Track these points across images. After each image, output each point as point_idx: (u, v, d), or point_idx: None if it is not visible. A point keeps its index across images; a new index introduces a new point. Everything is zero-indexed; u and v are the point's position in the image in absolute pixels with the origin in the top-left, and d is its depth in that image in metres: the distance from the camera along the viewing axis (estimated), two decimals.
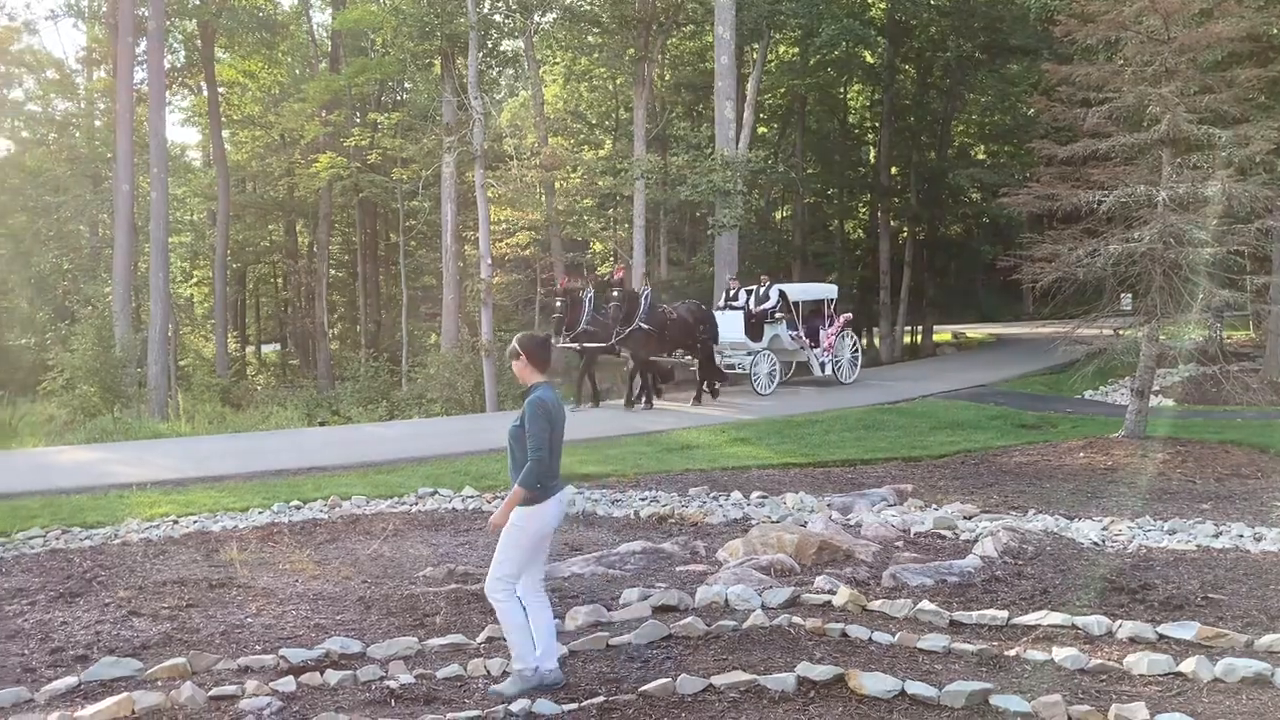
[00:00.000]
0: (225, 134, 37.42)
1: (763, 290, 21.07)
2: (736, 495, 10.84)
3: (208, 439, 16.10)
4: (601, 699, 5.08)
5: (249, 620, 6.54)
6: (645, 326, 17.85)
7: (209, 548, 8.82)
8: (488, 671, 5.54)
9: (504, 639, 6.06)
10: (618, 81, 34.59)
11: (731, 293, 21.44)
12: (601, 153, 35.17)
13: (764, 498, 10.73)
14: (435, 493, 11.37)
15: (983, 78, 32.58)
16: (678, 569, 7.72)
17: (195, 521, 10.02)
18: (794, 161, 36.55)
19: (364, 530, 9.51)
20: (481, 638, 6.09)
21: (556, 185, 30.62)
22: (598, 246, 37.99)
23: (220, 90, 36.74)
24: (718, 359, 20.26)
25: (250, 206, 40.74)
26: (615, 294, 17.93)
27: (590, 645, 5.89)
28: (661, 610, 6.49)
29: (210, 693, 5.20)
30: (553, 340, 18.82)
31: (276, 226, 43.53)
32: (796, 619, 6.18)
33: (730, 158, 24.15)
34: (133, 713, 4.98)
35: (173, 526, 9.83)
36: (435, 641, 6.02)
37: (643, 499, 10.85)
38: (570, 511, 10.26)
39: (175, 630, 6.33)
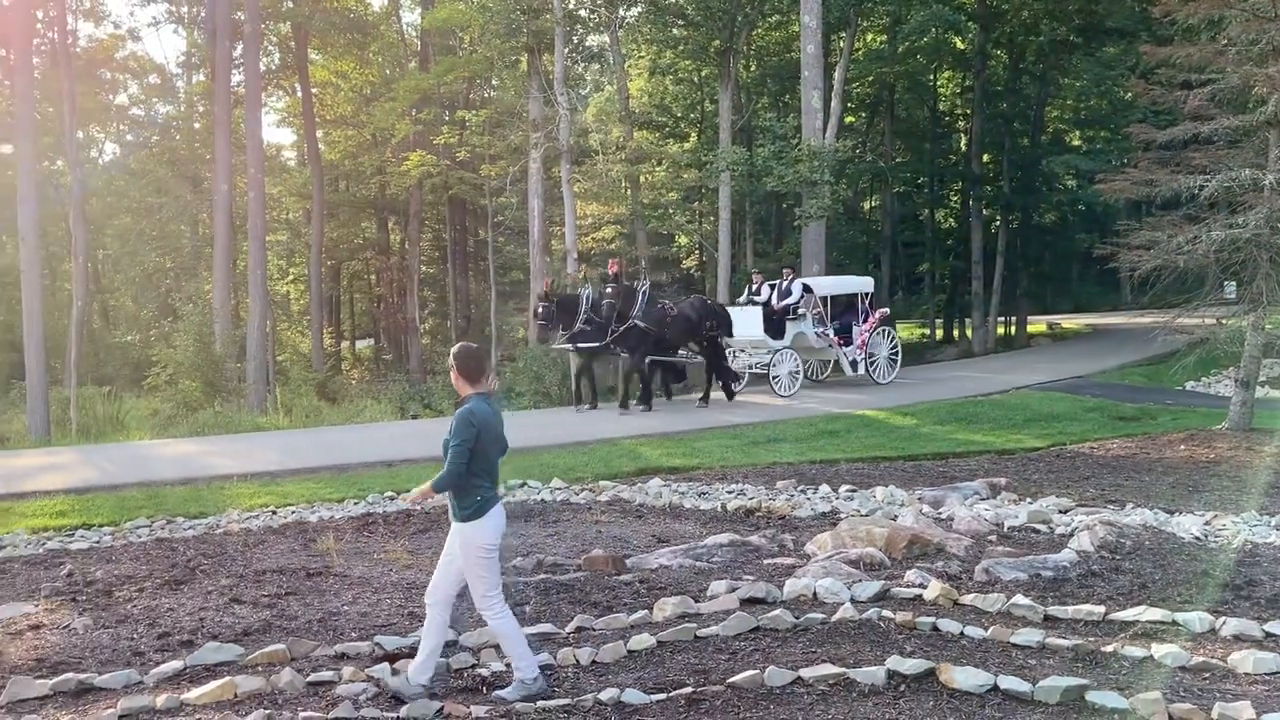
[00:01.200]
0: (319, 134, 38.23)
1: (785, 284, 19.67)
2: (825, 489, 10.76)
3: (304, 432, 16.51)
4: (689, 690, 5.09)
5: (345, 608, 6.70)
6: (642, 324, 16.96)
7: (306, 538, 9.05)
8: (577, 660, 5.60)
9: (593, 629, 6.14)
10: (703, 74, 34.52)
11: (754, 287, 20.34)
12: (687, 146, 35.13)
13: (853, 491, 10.63)
14: (524, 484, 11.50)
15: (1078, 61, 31.74)
16: (765, 562, 7.70)
17: (293, 512, 10.31)
18: (882, 150, 36.09)
19: None
20: (570, 627, 6.15)
21: (642, 179, 30.70)
22: (683, 240, 38.02)
23: (314, 91, 37.55)
24: (740, 359, 19.35)
25: (344, 205, 41.59)
26: (608, 290, 17.12)
27: (678, 636, 5.91)
28: (749, 603, 6.48)
29: (308, 678, 5.35)
30: (545, 342, 18.60)
31: (369, 224, 44.37)
32: (886, 613, 6.12)
33: (817, 148, 23.92)
34: (235, 696, 5.14)
35: (271, 517, 10.11)
36: (525, 630, 6.08)
37: (729, 492, 10.84)
38: (657, 504, 10.31)
39: (275, 617, 6.52)
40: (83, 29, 38.50)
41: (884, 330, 20.64)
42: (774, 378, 18.77)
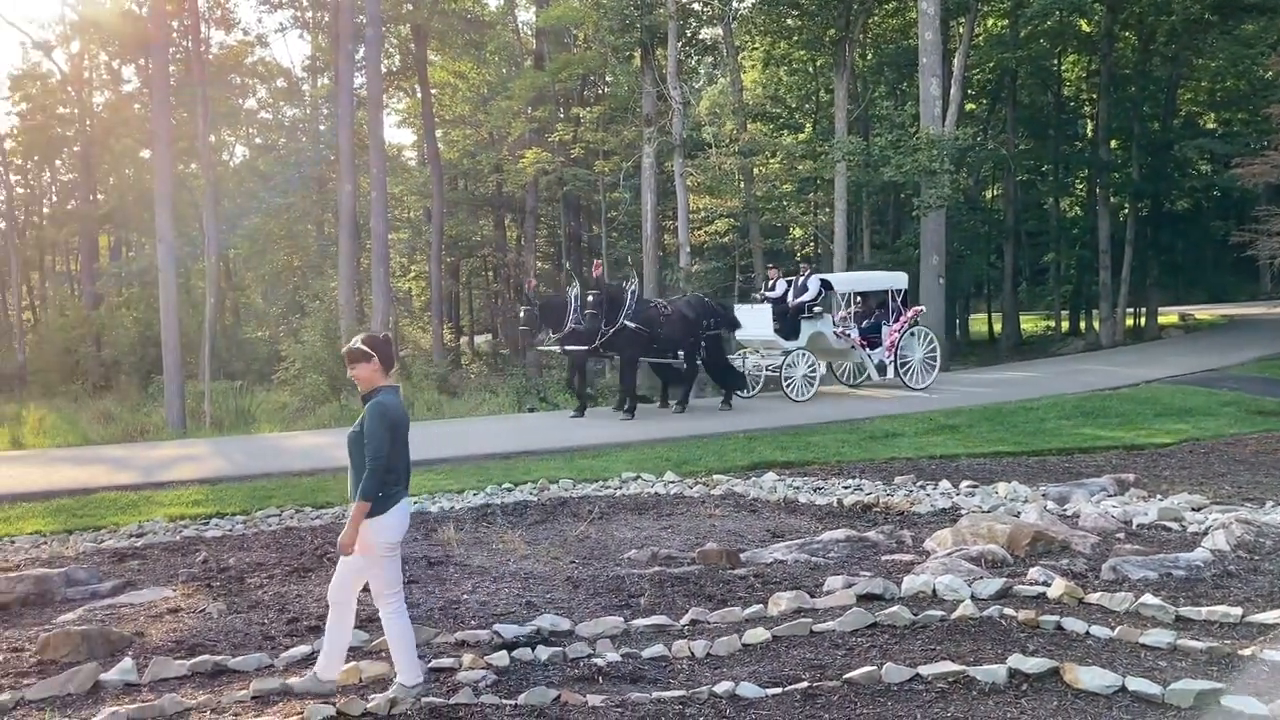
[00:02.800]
0: (438, 133, 39.01)
1: (801, 280, 18.44)
2: (945, 484, 10.55)
3: (426, 425, 16.88)
4: (805, 684, 5.05)
5: (465, 597, 6.84)
6: (632, 325, 16.01)
7: (427, 527, 9.25)
8: (691, 653, 5.61)
9: (708, 622, 6.14)
10: (818, 64, 34.16)
11: (770, 283, 19.15)
12: (801, 136, 34.80)
13: (974, 487, 10.40)
14: (638, 477, 11.57)
15: (1213, 40, 30.38)
16: (883, 558, 7.59)
17: (415, 503, 10.54)
18: (1004, 138, 35.14)
19: (571, 512, 9.77)
20: (685, 620, 6.17)
21: (755, 171, 30.54)
22: (797, 232, 37.69)
23: (433, 91, 38.34)
24: (751, 360, 18.37)
25: (462, 203, 42.39)
26: (593, 292, 16.09)
27: (793, 631, 5.87)
28: (866, 598, 6.39)
29: (430, 664, 5.47)
30: (529, 345, 17.75)
31: (486, 221, 45.13)
32: (1008, 610, 5.97)
33: (936, 136, 23.46)
34: (360, 680, 5.30)
35: None
36: (640, 622, 6.13)
37: (846, 487, 10.71)
38: (771, 498, 10.25)
39: None
40: (214, 36, 40.00)
41: (919, 331, 19.10)
42: (786, 380, 17.58)
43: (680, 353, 16.84)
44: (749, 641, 5.74)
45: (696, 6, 29.27)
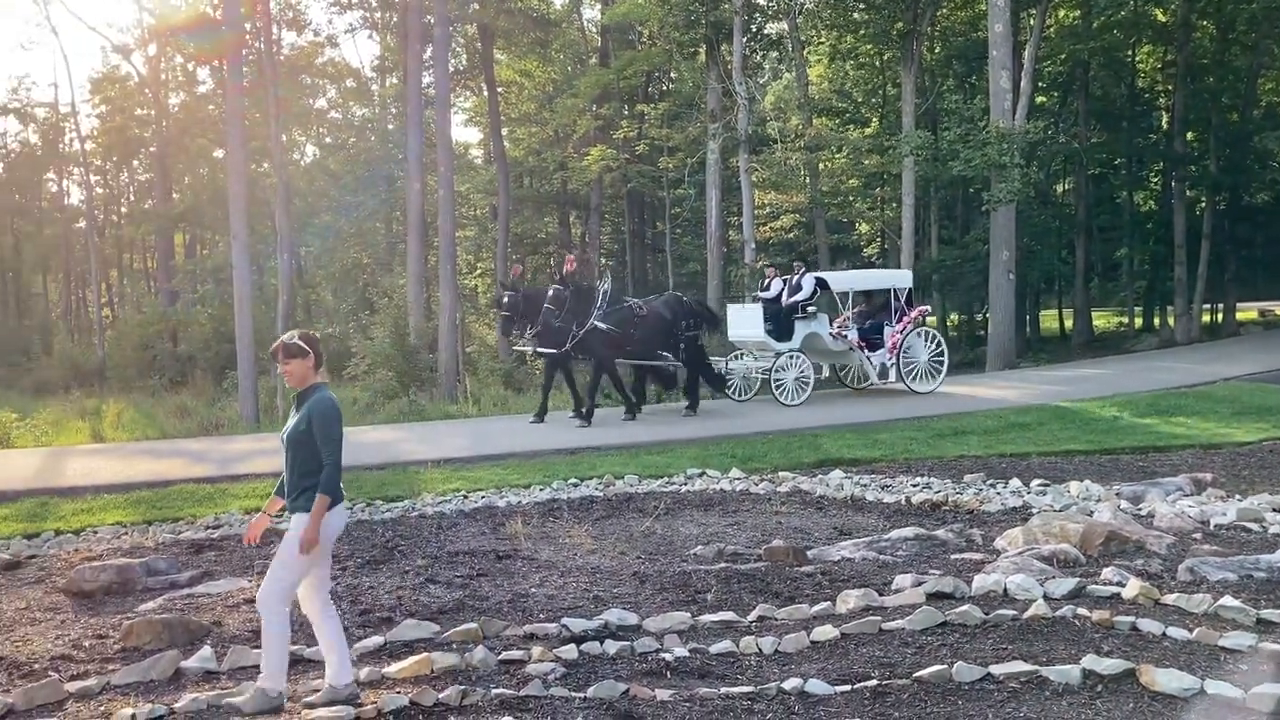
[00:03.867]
0: (504, 131, 39.32)
1: (795, 279, 17.60)
2: (1015, 483, 10.41)
3: (493, 420, 17.06)
4: (875, 682, 5.02)
5: (533, 590, 6.90)
6: (603, 326, 15.14)
7: (495, 521, 9.35)
8: (759, 649, 5.60)
9: (775, 619, 6.13)
10: (885, 57, 33.81)
11: (765, 282, 18.25)
12: (868, 131, 34.50)
13: (1045, 485, 10.24)
14: (703, 473, 11.57)
15: None
16: (952, 556, 7.51)
17: (483, 497, 10.67)
18: (1076, 131, 34.49)
19: (637, 508, 9.81)
20: (752, 616, 6.16)
21: (821, 166, 30.35)
22: (864, 227, 37.40)
23: (499, 90, 38.65)
24: (744, 362, 17.56)
25: (527, 200, 42.68)
26: (553, 290, 15.15)
27: (862, 629, 5.83)
28: (936, 597, 6.33)
29: (500, 656, 5.54)
30: (503, 339, 16.54)
31: (551, 219, 45.38)
32: (1081, 610, 5.88)
33: (1006, 130, 23.11)
34: (431, 671, 5.37)
35: (463, 501, 10.50)
36: (707, 618, 6.13)
37: (914, 485, 10.61)
38: (838, 496, 10.19)
39: (467, 597, 6.77)
40: (286, 37, 40.72)
41: (924, 331, 18.19)
42: (776, 384, 16.76)
43: (669, 354, 16.26)
44: (817, 639, 5.72)
45: (762, 1, 29.14)
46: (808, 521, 9.13)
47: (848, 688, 5.01)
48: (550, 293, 15.16)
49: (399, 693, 5.01)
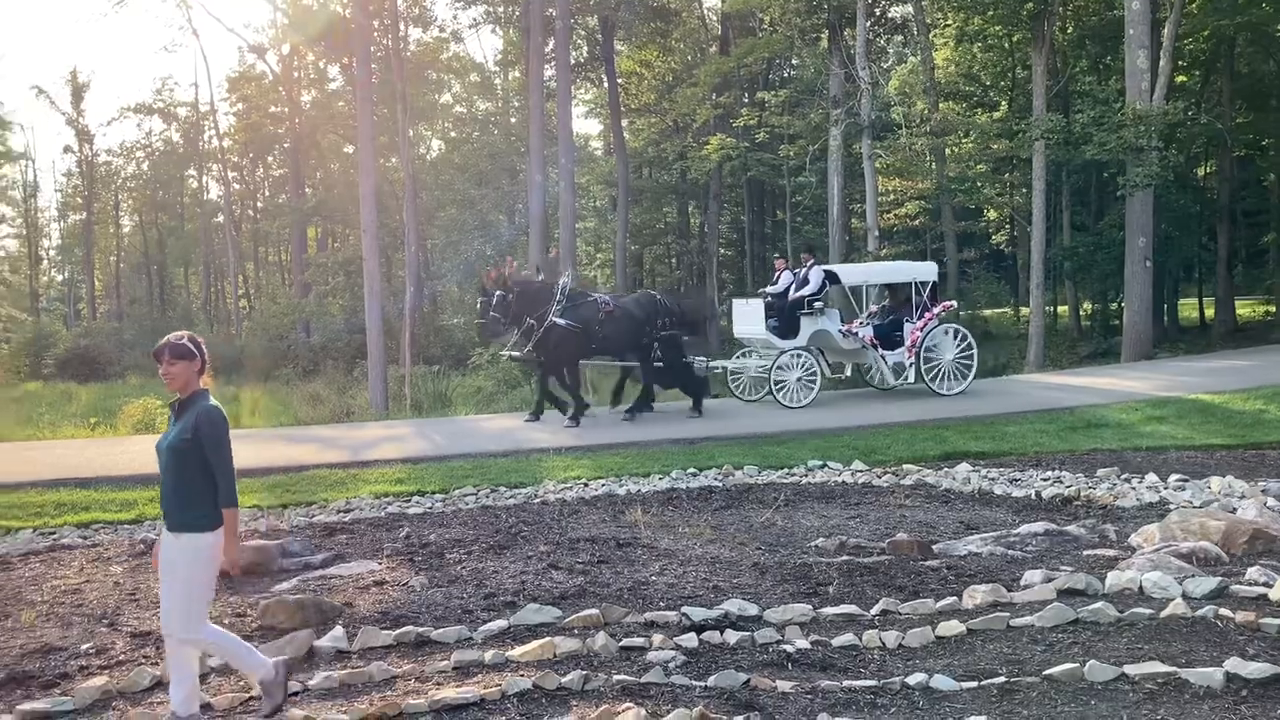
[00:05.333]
0: (624, 122, 39.52)
1: (803, 272, 16.51)
2: (1151, 478, 10.02)
3: (611, 410, 17.14)
4: (1002, 679, 4.89)
5: (653, 578, 6.93)
6: (562, 323, 14.32)
7: (616, 509, 9.42)
8: (882, 643, 5.51)
9: (899, 613, 6.02)
10: (1014, 39, 32.77)
11: (776, 275, 17.33)
12: (996, 115, 33.54)
13: (1184, 481, 9.83)
14: (824, 465, 11.45)
15: None
16: (1084, 553, 7.27)
17: (603, 485, 10.76)
18: (1220, 111, 32.89)
19: (757, 499, 9.76)
20: (876, 610, 6.06)
21: (948, 151, 29.67)
22: (992, 214, 36.43)
23: (619, 81, 38.84)
24: (751, 360, 16.64)
25: (646, 190, 42.85)
26: (498, 294, 14.26)
27: (989, 625, 5.69)
28: (1067, 594, 6.13)
29: (620, 643, 5.57)
30: (490, 340, 15.47)
31: (670, 209, 45.47)
32: (1224, 611, 5.62)
33: (1143, 111, 22.21)
34: (554, 656, 5.44)
35: (583, 489, 10.60)
36: (829, 610, 6.06)
37: (1044, 479, 10.31)
38: (965, 489, 9.97)
39: (588, 584, 6.83)
40: (412, 34, 41.62)
41: (951, 329, 16.75)
42: (776, 384, 15.68)
43: (641, 355, 15.47)
44: (943, 634, 5.60)
45: None
46: (932, 515, 8.95)
47: (974, 684, 4.89)
48: (496, 297, 14.35)
49: (522, 675, 5.08)
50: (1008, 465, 11.19)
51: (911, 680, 4.93)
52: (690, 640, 5.58)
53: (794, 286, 16.42)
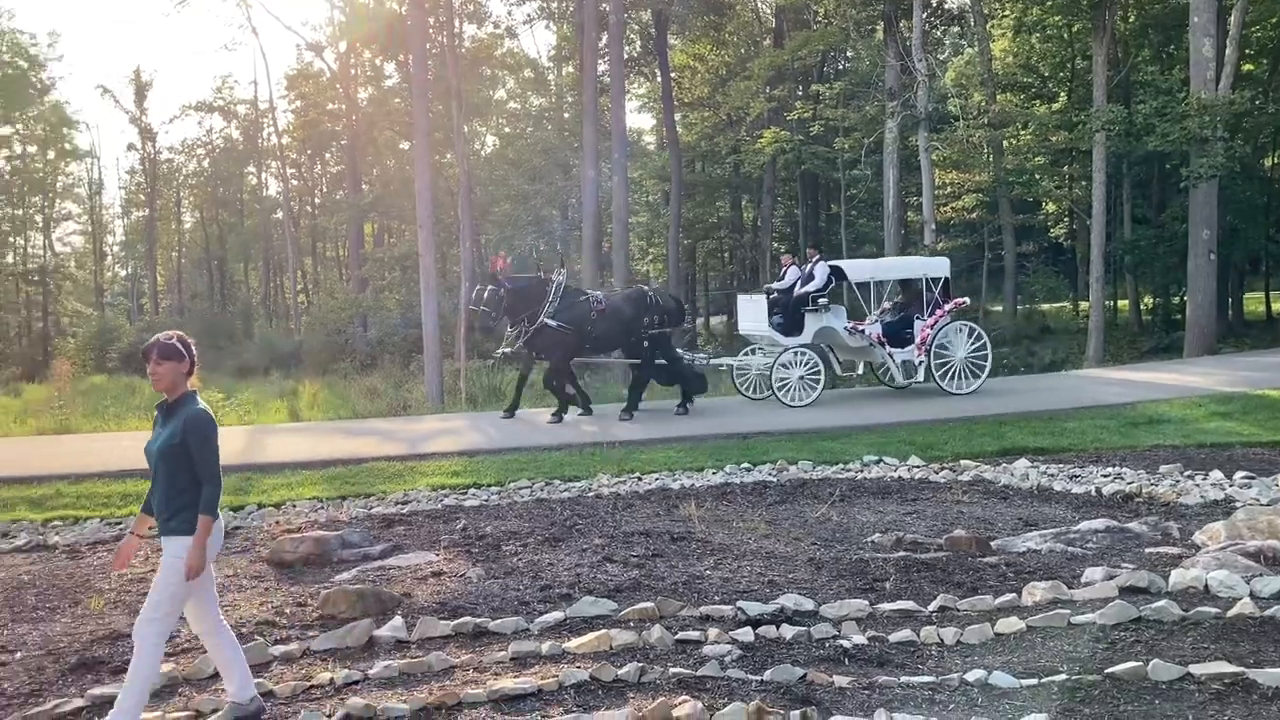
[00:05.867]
0: (677, 116, 39.46)
1: (809, 267, 16.12)
2: (1216, 474, 9.83)
3: (664, 402, 17.15)
4: (1063, 677, 4.84)
5: (708, 573, 6.93)
6: (554, 324, 14.25)
7: (669, 503, 9.43)
8: (940, 639, 5.47)
9: (957, 609, 5.96)
10: (1074, 29, 32.25)
11: (782, 271, 17.00)
12: (1055, 106, 33.02)
13: (1250, 478, 9.64)
14: (880, 461, 11.38)
15: None
16: (1146, 550, 7.16)
17: (657, 479, 10.78)
18: None
19: (811, 494, 9.72)
20: (933, 606, 6.02)
21: (1005, 144, 29.27)
22: (1051, 207, 35.90)
23: (672, 75, 38.78)
24: (756, 358, 16.27)
25: (699, 184, 42.74)
26: (489, 289, 14.36)
27: (1049, 622, 5.62)
28: (1129, 591, 6.04)
29: (676, 636, 5.59)
30: (482, 330, 15.18)
31: (723, 203, 45.33)
32: None
33: (1208, 101, 21.76)
34: (610, 648, 5.47)
35: (637, 483, 10.63)
36: (886, 606, 6.03)
37: (1105, 475, 10.15)
38: (1023, 485, 9.85)
39: (643, 577, 6.86)
40: (466, 30, 41.90)
41: (965, 326, 16.19)
42: (778, 382, 15.31)
43: (632, 352, 15.34)
44: (1002, 631, 5.54)
45: None
46: (991, 511, 8.85)
47: (1034, 681, 4.84)
48: (486, 293, 14.36)
49: (579, 667, 5.12)
50: (1067, 461, 11.04)
51: (970, 677, 4.89)
52: (746, 635, 5.58)
53: (800, 283, 16.07)
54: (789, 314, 15.80)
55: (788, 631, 5.63)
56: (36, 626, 6.37)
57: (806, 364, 15.39)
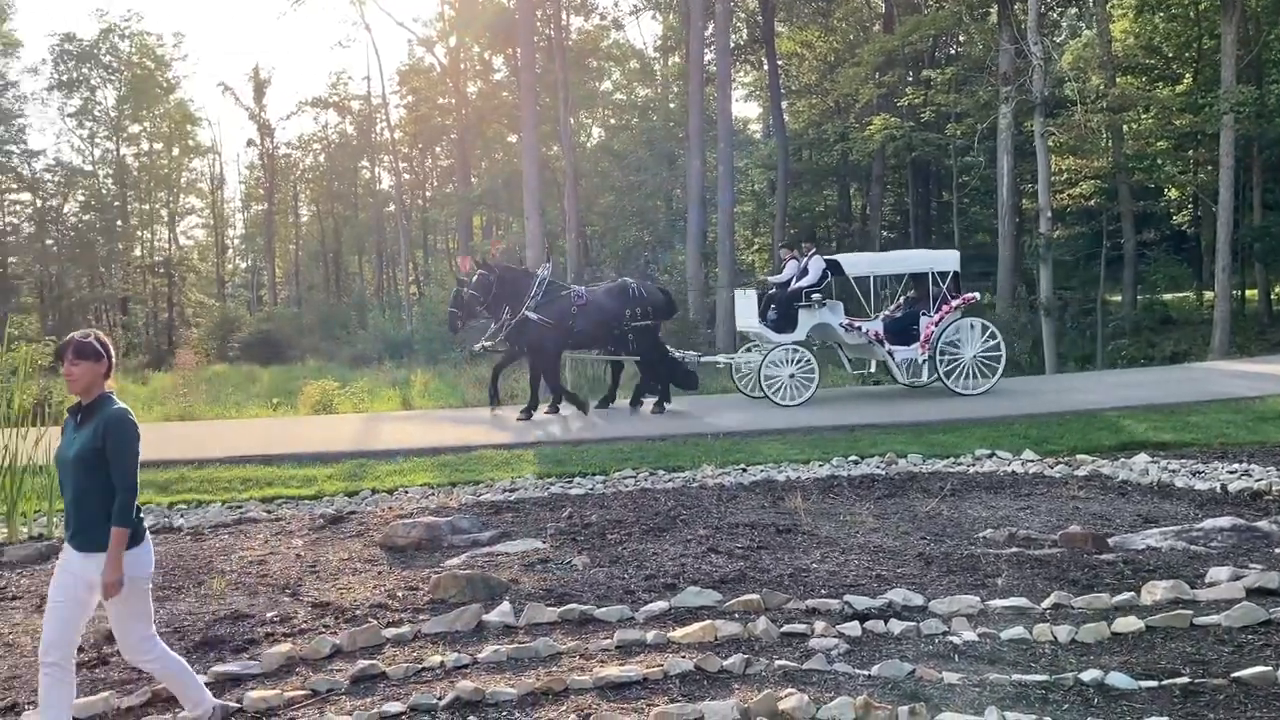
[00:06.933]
0: (784, 104, 39.10)
1: (804, 261, 15.51)
2: None
3: (706, 399, 17.07)
4: (1185, 680, 4.67)
5: (814, 565, 6.87)
6: (534, 317, 14.06)
7: (775, 495, 9.37)
8: (1054, 638, 5.32)
9: (1072, 607, 5.80)
10: (1200, 7, 30.98)
11: (781, 265, 16.38)
12: (1179, 88, 31.76)
13: None
14: (993, 454, 11.13)
15: None
16: (1276, 550, 6.86)
17: (761, 470, 10.72)
18: None
19: (921, 488, 9.56)
20: (1047, 603, 5.86)
21: (1125, 128, 28.27)
22: (1174, 193, 34.59)
23: (779, 63, 38.43)
24: (752, 355, 15.72)
25: (806, 173, 42.32)
26: (478, 275, 14.22)
27: (1170, 623, 5.42)
28: (1257, 593, 5.80)
29: (781, 629, 5.55)
30: (459, 323, 14.94)
31: (830, 191, 44.80)
32: None
33: None
34: (715, 639, 5.46)
35: (741, 474, 10.59)
36: (997, 603, 5.89)
37: (1231, 471, 9.75)
38: (1143, 481, 9.54)
39: (748, 568, 6.83)
40: (573, 23, 42.19)
41: (976, 323, 15.33)
42: (768, 380, 14.73)
43: (618, 347, 15.10)
44: (1120, 630, 5.37)
45: None
46: (1108, 507, 8.58)
47: (1154, 683, 4.68)
48: (476, 278, 14.23)
49: (684, 657, 5.13)
50: (1190, 457, 10.63)
51: (1086, 676, 4.75)
52: (853, 629, 5.52)
53: (795, 278, 15.54)
54: (781, 309, 15.27)
55: (896, 626, 5.55)
56: (163, 605, 6.63)
57: (798, 362, 14.84)
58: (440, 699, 4.79)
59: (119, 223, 54.79)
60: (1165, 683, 4.67)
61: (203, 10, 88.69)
